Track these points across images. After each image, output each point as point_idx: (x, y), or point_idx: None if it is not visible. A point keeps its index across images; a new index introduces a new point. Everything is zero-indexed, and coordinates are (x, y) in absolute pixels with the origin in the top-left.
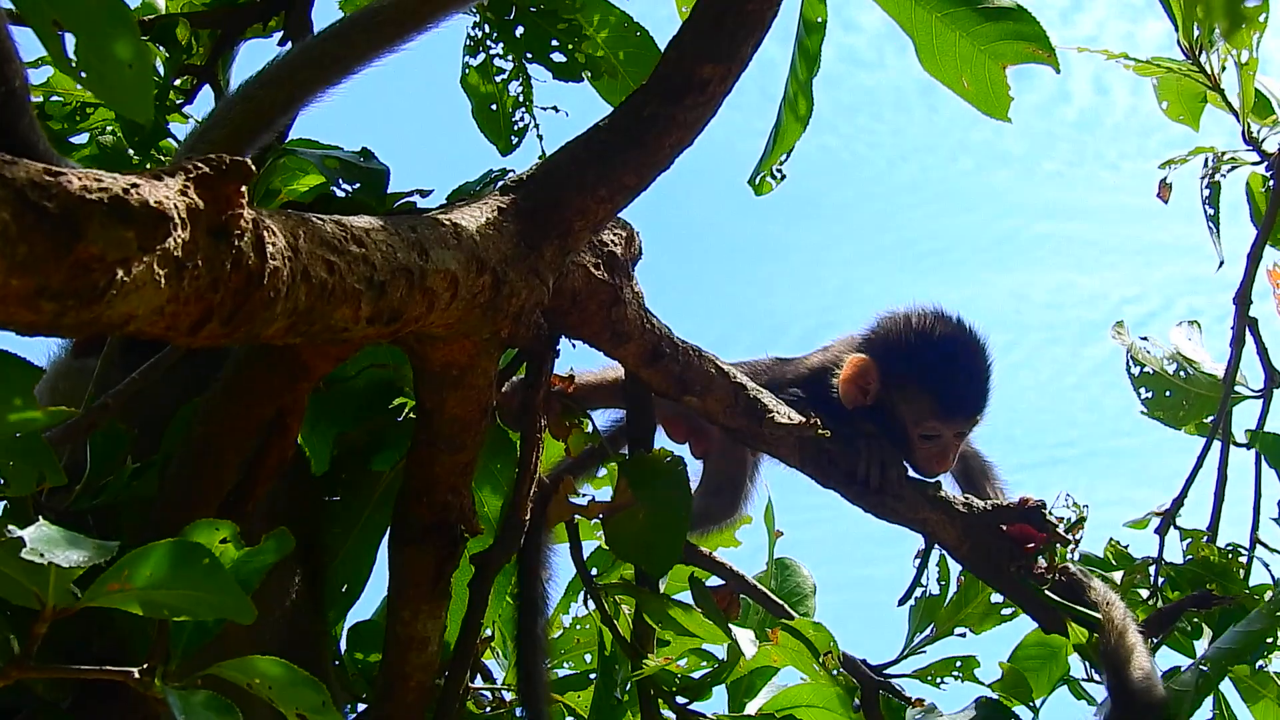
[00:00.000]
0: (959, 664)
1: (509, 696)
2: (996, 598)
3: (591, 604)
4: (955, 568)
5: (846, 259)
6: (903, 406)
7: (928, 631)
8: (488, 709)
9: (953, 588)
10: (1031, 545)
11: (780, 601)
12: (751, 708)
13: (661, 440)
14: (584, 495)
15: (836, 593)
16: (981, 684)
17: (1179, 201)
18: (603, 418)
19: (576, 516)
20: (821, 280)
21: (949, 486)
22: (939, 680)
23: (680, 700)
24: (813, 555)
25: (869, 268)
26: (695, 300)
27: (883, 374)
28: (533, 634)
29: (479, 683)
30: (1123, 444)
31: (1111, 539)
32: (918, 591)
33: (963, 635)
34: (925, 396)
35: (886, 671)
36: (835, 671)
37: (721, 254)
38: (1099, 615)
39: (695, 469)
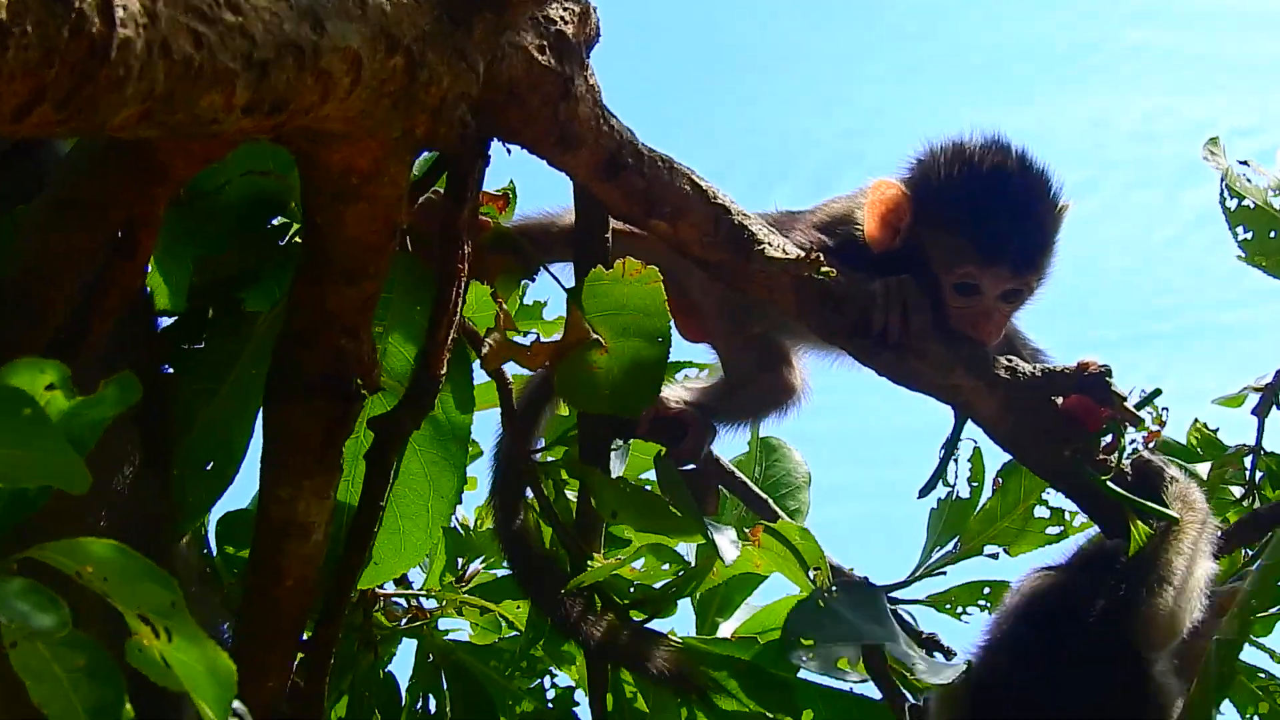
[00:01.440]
0: (987, 590)
1: (430, 605)
2: (1041, 511)
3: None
4: (992, 466)
5: (880, 72)
6: (935, 249)
7: (951, 546)
8: (402, 621)
9: (987, 491)
10: (1093, 423)
11: (764, 495)
12: (726, 629)
13: None
14: (528, 336)
15: (849, 501)
16: None
17: None
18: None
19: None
20: (847, 98)
21: None
22: (961, 610)
23: (636, 616)
24: (821, 454)
25: (908, 84)
26: (684, 120)
27: (916, 209)
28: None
29: (391, 588)
30: (1232, 317)
31: (1197, 421)
32: (943, 490)
33: (994, 556)
34: (960, 233)
35: (895, 595)
36: (826, 592)
37: (720, 62)
38: (1174, 515)
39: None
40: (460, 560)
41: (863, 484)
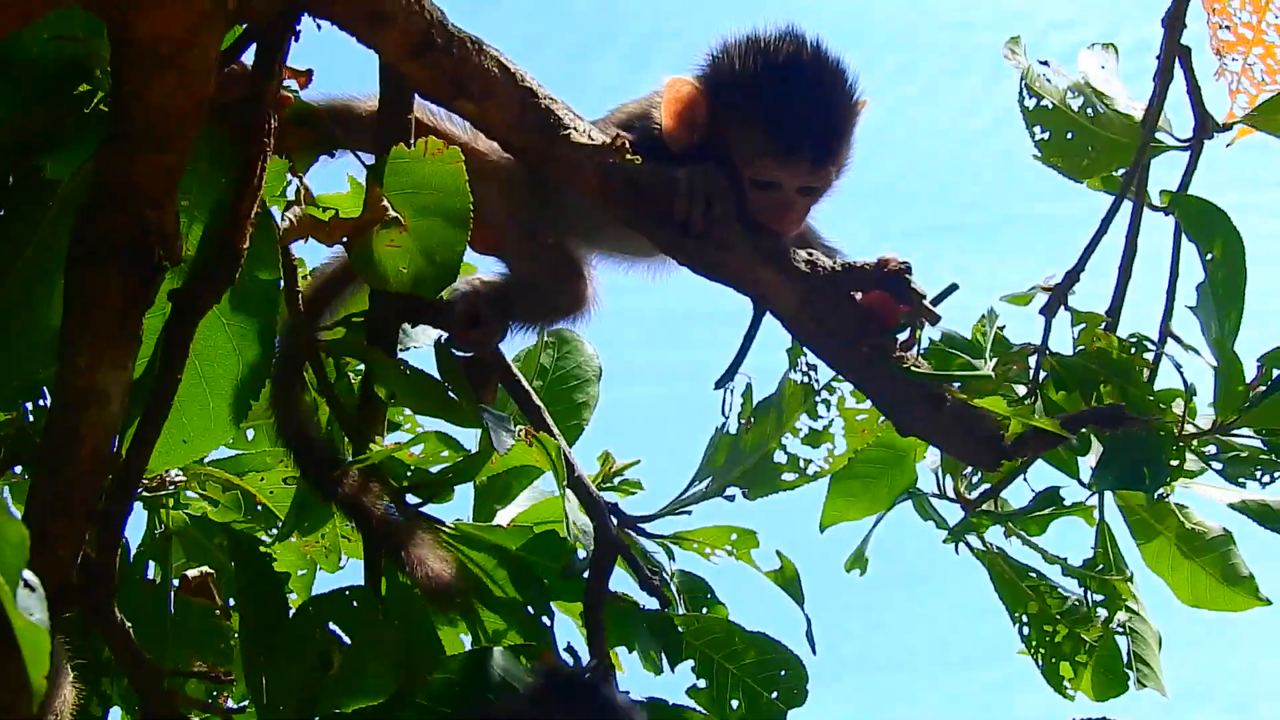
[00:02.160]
0: (734, 536)
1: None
2: (779, 456)
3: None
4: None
5: None
6: (732, 144)
7: (704, 484)
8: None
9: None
10: (891, 318)
11: (539, 403)
12: (504, 516)
13: None
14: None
15: (648, 382)
16: (757, 568)
17: None
18: None
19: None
20: None
21: None
22: (709, 551)
23: (411, 500)
24: (619, 334)
25: None
26: None
27: (711, 104)
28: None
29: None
30: (1044, 210)
31: (984, 318)
32: (721, 424)
33: (731, 498)
34: (756, 128)
35: (645, 527)
36: (569, 518)
37: None
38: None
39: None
40: None
41: (667, 364)
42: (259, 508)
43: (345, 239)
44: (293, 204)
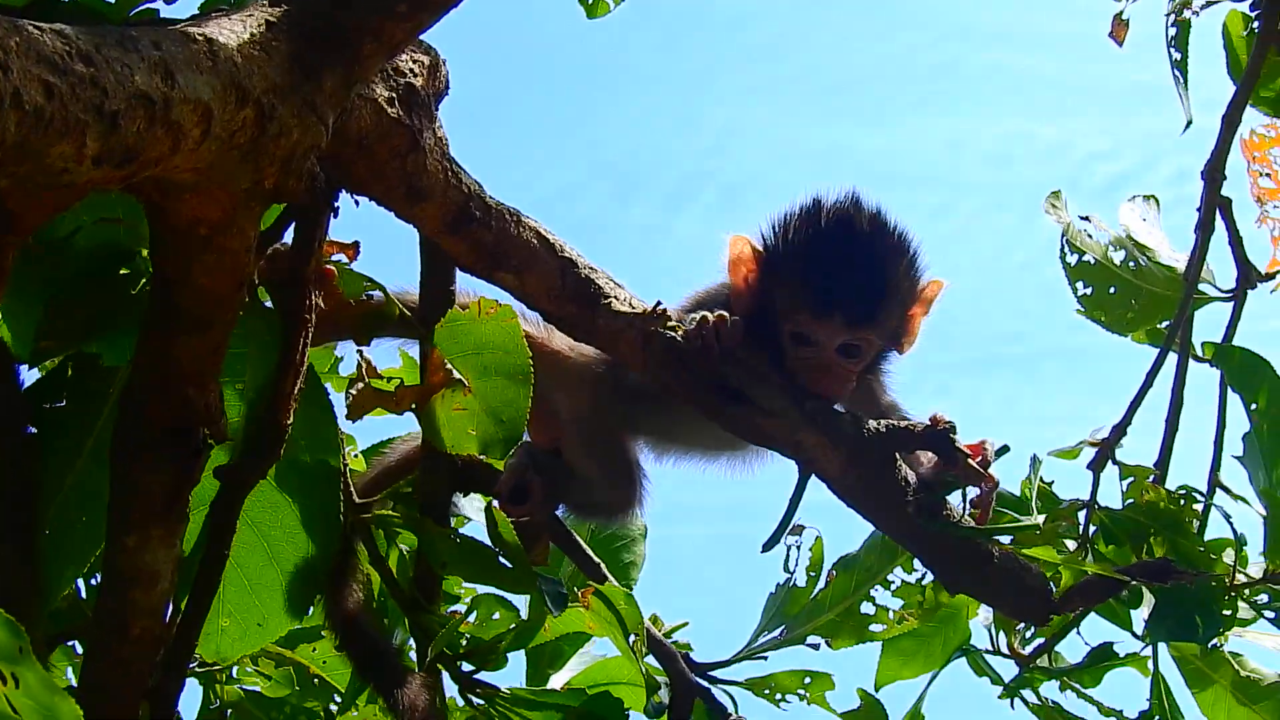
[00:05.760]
0: (808, 680)
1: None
2: (867, 608)
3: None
4: (830, 558)
5: (733, 91)
6: (778, 300)
7: (778, 632)
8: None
9: (821, 582)
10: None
11: (596, 558)
12: (557, 680)
13: None
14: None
15: (697, 523)
16: (832, 711)
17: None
18: None
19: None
20: (700, 118)
21: None
22: (780, 696)
23: (466, 667)
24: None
25: (763, 103)
26: (531, 143)
27: (764, 262)
28: None
29: None
30: (1084, 342)
31: (1033, 468)
32: (786, 578)
33: (815, 647)
34: (795, 283)
35: (715, 674)
36: (644, 661)
37: (565, 82)
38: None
39: None
40: None
41: (712, 504)
42: (315, 680)
43: (415, 406)
44: (356, 380)
